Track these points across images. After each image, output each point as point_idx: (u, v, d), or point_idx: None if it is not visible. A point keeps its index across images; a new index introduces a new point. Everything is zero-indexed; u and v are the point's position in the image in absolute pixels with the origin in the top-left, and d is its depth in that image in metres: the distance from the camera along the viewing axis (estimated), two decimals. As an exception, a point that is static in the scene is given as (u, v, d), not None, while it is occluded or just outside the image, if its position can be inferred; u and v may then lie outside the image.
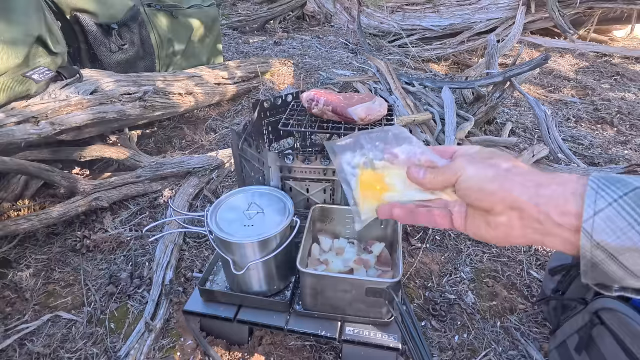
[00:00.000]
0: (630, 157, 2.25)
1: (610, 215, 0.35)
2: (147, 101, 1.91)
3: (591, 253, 0.36)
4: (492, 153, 0.45)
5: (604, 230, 0.35)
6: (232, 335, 1.19)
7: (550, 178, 0.40)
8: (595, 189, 0.36)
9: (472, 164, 0.44)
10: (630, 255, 0.34)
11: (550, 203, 0.38)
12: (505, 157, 0.45)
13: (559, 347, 1.10)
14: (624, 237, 0.34)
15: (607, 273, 0.36)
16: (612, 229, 0.35)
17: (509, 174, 0.41)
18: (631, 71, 3.59)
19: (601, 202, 0.35)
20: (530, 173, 0.41)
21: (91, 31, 1.94)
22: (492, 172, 0.42)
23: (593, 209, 0.36)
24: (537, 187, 0.39)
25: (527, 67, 2.13)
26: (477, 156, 0.45)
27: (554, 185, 0.39)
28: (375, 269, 1.17)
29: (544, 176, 0.40)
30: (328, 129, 1.27)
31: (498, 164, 0.43)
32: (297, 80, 3.10)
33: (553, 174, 0.41)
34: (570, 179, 0.39)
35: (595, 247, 0.36)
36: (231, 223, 1.07)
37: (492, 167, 0.43)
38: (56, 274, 1.45)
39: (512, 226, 0.41)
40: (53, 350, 1.19)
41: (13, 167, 1.45)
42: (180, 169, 1.87)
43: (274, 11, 4.65)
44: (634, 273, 0.35)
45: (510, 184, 0.41)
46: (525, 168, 0.42)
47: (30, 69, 1.49)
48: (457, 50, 3.72)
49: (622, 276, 0.36)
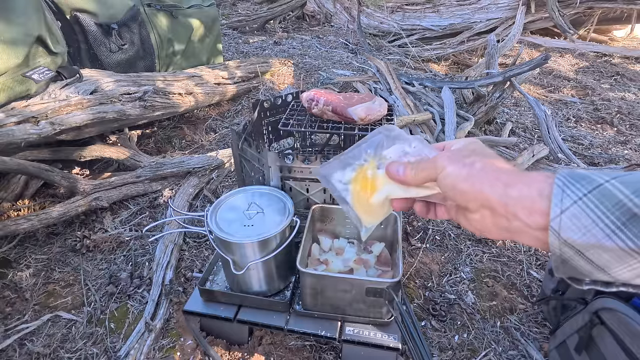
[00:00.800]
0: (630, 157, 2.25)
1: (576, 213, 0.36)
2: (147, 101, 1.91)
3: (560, 250, 0.37)
4: (472, 151, 0.46)
5: (570, 228, 0.36)
6: (232, 335, 1.19)
7: (519, 178, 0.41)
8: (562, 186, 0.37)
9: (451, 162, 0.45)
10: (595, 251, 0.36)
11: (517, 203, 0.39)
12: (484, 154, 0.46)
13: (559, 347, 1.10)
14: (588, 235, 0.35)
15: (576, 268, 0.38)
16: (577, 226, 0.36)
17: (481, 173, 0.42)
18: (631, 71, 3.59)
19: (567, 201, 0.36)
20: (502, 172, 0.42)
21: (91, 31, 1.94)
22: (466, 172, 0.43)
23: (560, 208, 0.37)
24: (506, 187, 0.40)
25: (527, 67, 2.13)
26: (458, 154, 0.46)
27: (520, 185, 0.40)
28: (375, 269, 1.17)
29: (514, 176, 0.41)
30: (328, 129, 1.27)
31: (473, 162, 0.44)
32: (297, 80, 3.10)
33: (523, 174, 0.41)
34: (537, 179, 0.39)
35: (564, 245, 0.37)
36: (231, 223, 1.07)
37: (466, 166, 0.44)
38: (56, 274, 1.45)
39: (485, 223, 0.43)
40: (53, 350, 1.19)
41: (13, 167, 1.45)
42: (180, 169, 1.87)
43: (274, 11, 4.65)
44: (601, 267, 0.36)
45: (480, 184, 0.42)
46: (500, 166, 0.43)
47: (30, 69, 1.49)
48: (457, 50, 3.72)
49: (590, 270, 0.37)
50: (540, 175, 0.40)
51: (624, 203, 0.34)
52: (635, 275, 0.35)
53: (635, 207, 0.34)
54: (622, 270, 0.36)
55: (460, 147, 0.48)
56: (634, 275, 0.35)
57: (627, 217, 0.34)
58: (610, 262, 0.36)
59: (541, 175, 0.40)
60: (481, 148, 0.48)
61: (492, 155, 0.46)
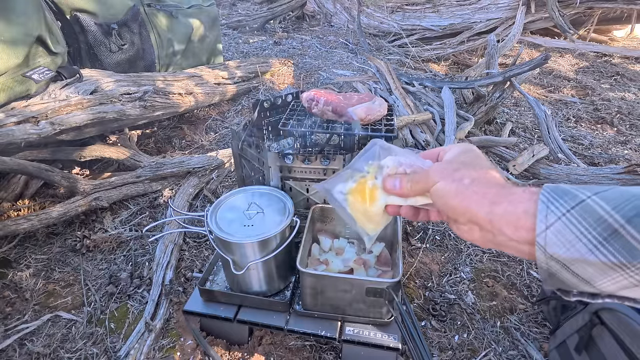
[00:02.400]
0: (630, 157, 2.25)
1: (560, 228, 0.37)
2: (147, 101, 1.91)
3: (547, 264, 0.39)
4: (462, 163, 0.48)
5: (555, 244, 0.38)
6: (232, 335, 1.19)
7: (505, 196, 0.42)
8: (546, 202, 0.39)
9: (442, 177, 0.47)
10: (580, 265, 0.37)
11: (502, 220, 0.41)
12: (475, 165, 0.47)
13: (559, 347, 1.10)
14: (573, 250, 0.37)
15: (563, 281, 0.39)
16: (562, 242, 0.37)
17: (468, 189, 0.44)
18: (631, 71, 3.59)
19: (552, 217, 0.38)
20: (490, 189, 0.44)
21: (91, 31, 1.94)
22: (454, 188, 0.45)
23: (545, 224, 0.38)
24: (492, 205, 0.42)
25: (527, 67, 2.13)
26: (449, 167, 0.48)
27: (505, 203, 0.41)
28: (375, 269, 1.17)
29: (501, 193, 0.43)
30: (328, 129, 1.27)
31: (462, 178, 0.45)
32: (297, 80, 3.10)
33: (510, 191, 0.43)
34: (522, 197, 0.41)
35: (550, 259, 0.39)
36: (231, 223, 1.07)
37: (455, 182, 0.45)
38: (56, 274, 1.45)
39: (473, 235, 0.45)
40: (53, 350, 1.19)
41: (13, 167, 1.45)
42: (180, 169, 1.87)
43: (274, 11, 4.65)
44: (586, 280, 0.38)
45: (468, 201, 0.44)
46: (489, 181, 0.45)
47: (30, 69, 1.49)
48: (457, 50, 3.72)
49: (576, 283, 0.39)
50: (525, 193, 0.41)
51: (605, 219, 0.36)
52: (619, 287, 0.37)
53: (615, 223, 0.35)
54: (606, 283, 0.37)
55: (451, 158, 0.49)
56: (618, 287, 0.37)
57: (609, 232, 0.35)
58: (594, 276, 0.37)
59: (526, 193, 0.41)
60: (473, 158, 0.49)
61: (483, 166, 0.47)
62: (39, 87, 1.54)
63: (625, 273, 0.35)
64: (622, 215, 0.35)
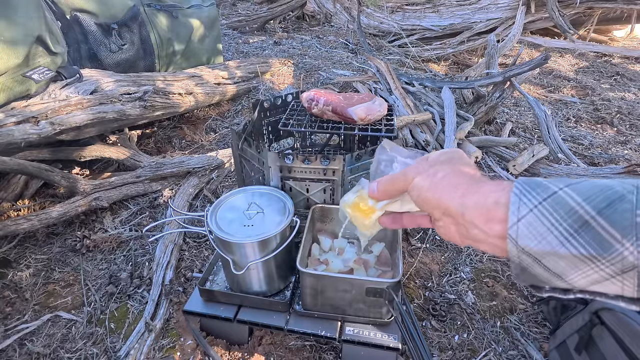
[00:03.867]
0: (630, 157, 2.25)
1: (532, 220, 0.37)
2: (147, 101, 1.91)
3: (519, 258, 0.38)
4: (440, 161, 0.48)
5: (527, 236, 0.37)
6: (232, 335, 1.19)
7: (477, 187, 0.42)
8: (519, 194, 0.38)
9: (419, 173, 0.47)
10: (551, 259, 0.36)
11: (474, 212, 0.41)
12: (453, 162, 0.47)
13: (559, 347, 1.10)
14: (544, 242, 0.36)
15: (535, 276, 0.38)
16: (533, 234, 0.37)
17: (441, 182, 0.44)
18: (631, 71, 3.59)
19: (524, 209, 0.37)
20: (462, 181, 0.43)
21: (91, 31, 1.94)
22: (428, 181, 0.45)
23: (517, 216, 0.37)
24: (463, 197, 0.42)
25: (527, 67, 2.13)
26: (426, 164, 0.48)
27: (477, 194, 0.41)
28: (375, 269, 1.17)
29: (473, 184, 0.42)
30: (328, 129, 1.27)
31: (436, 172, 0.46)
32: (297, 80, 3.10)
33: (482, 183, 0.42)
34: (493, 189, 0.41)
35: (522, 252, 0.38)
36: (231, 223, 1.07)
37: (430, 176, 0.46)
38: (56, 274, 1.45)
39: (449, 230, 0.45)
40: (53, 350, 1.19)
41: (13, 167, 1.45)
42: (180, 169, 1.87)
43: (274, 11, 4.65)
44: (558, 274, 0.37)
45: (440, 192, 0.44)
46: (463, 174, 0.44)
47: (30, 69, 1.49)
48: (457, 50, 3.72)
49: (548, 278, 0.38)
50: (498, 185, 0.41)
51: (575, 210, 0.35)
52: (590, 282, 0.36)
53: (586, 215, 0.35)
54: (577, 277, 0.36)
55: (433, 158, 0.50)
56: (589, 282, 0.36)
57: (579, 224, 0.35)
58: (565, 269, 0.36)
59: (499, 185, 0.41)
60: (450, 156, 0.49)
61: (461, 164, 0.47)
62: (39, 87, 1.54)
63: (595, 266, 0.35)
64: (593, 206, 0.35)
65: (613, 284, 0.35)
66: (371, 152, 1.18)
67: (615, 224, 0.33)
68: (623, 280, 0.34)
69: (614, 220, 0.33)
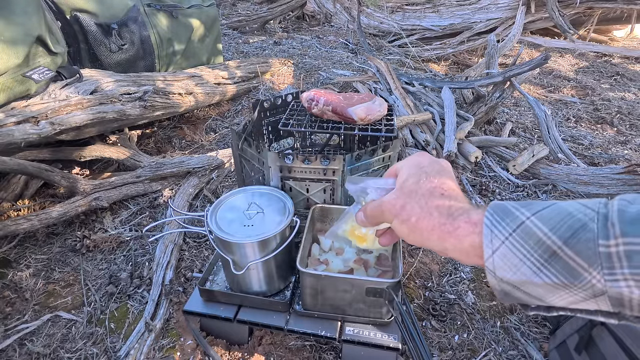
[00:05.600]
0: (630, 157, 2.25)
1: (505, 252, 0.39)
2: (147, 101, 1.91)
3: (500, 286, 0.41)
4: (408, 193, 0.49)
5: (502, 268, 0.39)
6: (232, 335, 1.19)
7: (449, 231, 0.44)
8: (490, 226, 0.40)
9: (394, 215, 0.49)
10: (529, 286, 0.39)
11: (455, 253, 0.44)
12: (419, 193, 0.48)
13: (559, 347, 1.10)
14: (519, 273, 0.38)
15: (517, 298, 0.41)
16: (508, 265, 0.39)
17: (417, 227, 0.47)
18: (631, 71, 3.59)
19: (496, 241, 0.40)
20: (435, 221, 0.45)
21: (91, 31, 1.94)
22: (406, 229, 0.48)
23: (491, 249, 0.40)
24: (441, 241, 0.45)
25: (527, 67, 2.13)
26: (398, 203, 0.49)
27: (452, 239, 0.43)
28: (375, 269, 1.16)
29: (446, 228, 0.44)
30: (328, 129, 1.27)
31: (409, 216, 0.47)
32: (297, 80, 3.10)
33: (454, 222, 0.44)
34: (467, 232, 0.43)
35: (501, 282, 0.40)
36: (231, 223, 1.07)
37: (404, 222, 0.48)
38: (56, 274, 1.45)
39: (448, 255, 0.47)
40: (53, 350, 1.19)
41: (13, 167, 1.45)
42: (180, 169, 1.87)
43: (274, 11, 4.65)
44: (537, 297, 0.39)
45: (420, 239, 0.47)
46: (432, 213, 0.46)
47: (30, 69, 1.49)
48: (457, 50, 3.72)
49: (529, 300, 0.40)
50: (469, 224, 0.43)
51: (543, 241, 0.37)
52: (568, 303, 0.38)
53: (553, 245, 0.36)
54: (555, 300, 0.38)
55: (401, 185, 0.51)
56: (567, 303, 0.38)
57: (548, 254, 0.36)
58: (544, 294, 0.39)
59: (470, 224, 0.43)
60: (419, 179, 0.50)
61: (429, 191, 0.48)
62: (39, 87, 1.54)
63: (570, 292, 0.36)
64: (559, 236, 0.36)
65: (589, 304, 0.37)
66: (371, 152, 1.18)
67: (581, 254, 0.35)
68: (597, 301, 0.36)
69: (579, 250, 0.35)
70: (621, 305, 0.35)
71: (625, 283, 0.33)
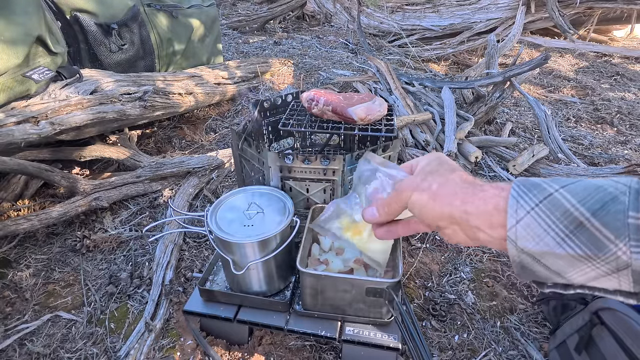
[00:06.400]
0: (630, 157, 2.25)
1: (529, 222, 0.38)
2: (147, 101, 1.91)
3: (519, 258, 0.40)
4: (430, 172, 0.49)
5: (525, 238, 0.39)
6: (232, 335, 1.19)
7: (475, 194, 0.43)
8: (516, 197, 0.39)
9: (414, 190, 0.48)
10: (550, 258, 0.38)
11: (477, 219, 0.42)
12: (442, 171, 0.48)
13: (559, 347, 1.10)
14: (542, 243, 0.38)
15: (535, 272, 0.40)
16: (531, 235, 0.38)
17: (439, 194, 0.46)
18: (631, 71, 3.59)
19: (521, 211, 0.39)
20: (459, 189, 0.45)
21: (91, 31, 1.94)
22: (426, 196, 0.47)
23: (515, 219, 0.39)
24: (463, 204, 0.43)
25: (527, 67, 2.13)
26: (417, 179, 0.49)
27: (477, 201, 0.43)
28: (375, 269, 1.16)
29: (471, 192, 0.44)
30: (328, 129, 1.27)
31: (430, 185, 0.47)
32: (297, 80, 3.10)
33: (480, 188, 0.44)
34: (492, 194, 0.42)
35: (521, 252, 0.40)
36: (231, 223, 1.07)
37: (425, 191, 0.47)
38: (56, 274, 1.45)
39: (458, 236, 0.46)
40: (53, 350, 1.19)
41: (13, 167, 1.45)
42: (180, 169, 1.87)
43: (274, 11, 4.65)
44: (557, 272, 0.39)
45: (441, 204, 0.45)
46: (459, 181, 0.46)
47: (30, 69, 1.49)
48: (457, 50, 3.72)
49: (548, 275, 0.40)
50: (495, 189, 0.42)
51: (570, 212, 0.36)
52: (588, 279, 0.37)
53: (580, 216, 0.36)
54: (575, 275, 0.38)
55: (420, 169, 0.50)
56: (587, 279, 0.37)
57: (575, 225, 0.36)
58: (564, 267, 0.38)
59: (497, 189, 0.42)
60: (437, 165, 0.50)
61: (451, 170, 0.48)
62: (39, 87, 1.54)
63: (592, 265, 0.36)
64: (587, 208, 0.36)
65: (610, 280, 0.36)
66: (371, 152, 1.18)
67: (609, 225, 0.34)
68: (619, 277, 0.35)
69: (607, 222, 0.34)
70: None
71: None
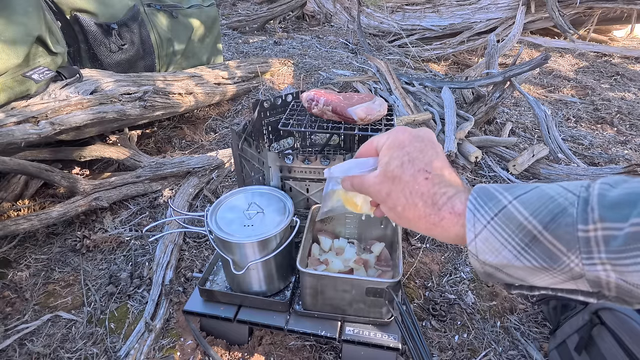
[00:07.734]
0: (630, 157, 2.25)
1: (487, 236, 0.40)
2: (147, 101, 1.91)
3: (483, 268, 0.42)
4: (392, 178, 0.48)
5: (484, 251, 0.40)
6: (232, 335, 1.19)
7: (436, 222, 0.44)
8: (473, 210, 0.41)
9: (380, 200, 0.50)
10: (510, 268, 0.40)
11: (443, 239, 0.46)
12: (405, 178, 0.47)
13: (559, 347, 1.10)
14: (500, 256, 0.39)
15: (501, 279, 0.42)
16: (490, 249, 0.40)
17: (403, 217, 0.47)
18: (631, 71, 3.59)
19: (478, 225, 0.40)
20: (421, 212, 0.45)
21: (91, 31, 1.94)
22: (393, 216, 0.49)
23: (473, 233, 0.40)
24: (428, 230, 0.46)
25: (527, 67, 2.13)
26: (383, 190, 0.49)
27: (439, 229, 0.44)
28: (375, 269, 1.17)
29: (431, 219, 0.45)
30: (328, 129, 1.27)
31: (395, 206, 0.47)
32: (297, 80, 3.10)
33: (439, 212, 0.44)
34: (451, 223, 0.43)
35: (483, 264, 0.41)
36: (231, 223, 1.07)
37: (391, 210, 0.48)
38: (56, 274, 1.45)
39: None
40: (53, 350, 1.19)
41: (13, 167, 1.45)
42: (180, 169, 1.87)
43: (274, 11, 4.65)
44: (520, 279, 0.41)
45: (408, 224, 0.47)
46: (417, 204, 0.46)
47: (30, 69, 1.49)
48: (457, 50, 3.72)
49: (512, 281, 0.42)
50: (453, 216, 0.43)
51: (524, 225, 0.38)
52: (549, 283, 0.39)
53: (534, 229, 0.37)
54: (536, 281, 0.39)
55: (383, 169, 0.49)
56: (548, 283, 0.39)
57: (529, 238, 0.37)
58: (525, 276, 0.40)
59: (454, 216, 0.43)
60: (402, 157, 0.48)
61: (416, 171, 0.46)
62: (39, 87, 1.54)
63: (549, 274, 0.37)
64: (539, 220, 0.37)
65: (569, 285, 0.38)
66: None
67: (561, 238, 0.36)
68: (576, 283, 0.37)
69: (559, 235, 0.36)
70: (599, 286, 0.36)
71: (602, 267, 0.34)
